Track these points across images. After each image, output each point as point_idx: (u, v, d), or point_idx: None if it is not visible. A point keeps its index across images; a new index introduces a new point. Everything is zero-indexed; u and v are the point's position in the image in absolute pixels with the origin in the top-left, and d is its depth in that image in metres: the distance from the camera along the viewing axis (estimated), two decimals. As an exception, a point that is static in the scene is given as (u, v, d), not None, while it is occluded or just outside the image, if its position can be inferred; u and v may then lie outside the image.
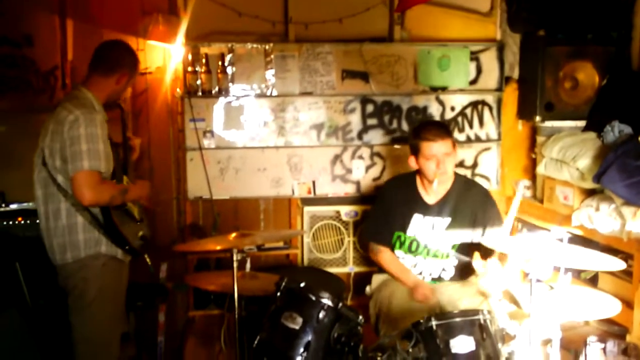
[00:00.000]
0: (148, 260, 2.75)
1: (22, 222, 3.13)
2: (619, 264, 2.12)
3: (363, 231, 3.50)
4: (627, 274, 2.93)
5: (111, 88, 2.63)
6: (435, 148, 2.76)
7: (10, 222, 3.11)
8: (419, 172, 2.90)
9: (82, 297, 2.54)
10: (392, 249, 2.97)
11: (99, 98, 2.60)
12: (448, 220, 2.87)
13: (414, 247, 2.92)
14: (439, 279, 2.91)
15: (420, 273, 2.92)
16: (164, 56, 3.72)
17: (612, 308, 2.19)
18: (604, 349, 2.54)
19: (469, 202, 2.87)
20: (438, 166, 2.76)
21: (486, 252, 2.69)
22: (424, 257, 2.91)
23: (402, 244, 2.94)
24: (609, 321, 2.90)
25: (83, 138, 2.41)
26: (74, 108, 2.46)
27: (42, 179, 2.53)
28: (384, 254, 2.96)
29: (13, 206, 3.22)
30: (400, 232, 2.94)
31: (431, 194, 2.91)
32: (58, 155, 2.47)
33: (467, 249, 2.87)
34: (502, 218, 2.97)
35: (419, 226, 2.90)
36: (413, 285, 2.81)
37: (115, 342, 2.67)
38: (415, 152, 2.84)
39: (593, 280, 3.16)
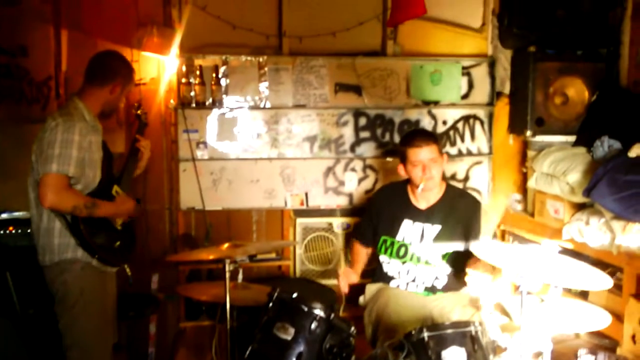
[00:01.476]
0: (128, 270, 2.73)
1: (13, 231, 3.11)
2: (607, 282, 2.13)
3: (354, 231, 3.63)
4: (617, 288, 2.94)
5: (105, 98, 2.66)
6: (420, 154, 2.84)
7: (1, 232, 3.10)
8: (409, 180, 2.95)
9: (64, 300, 2.56)
10: (378, 253, 3.02)
11: (92, 108, 2.63)
12: (438, 227, 2.90)
13: (402, 253, 2.94)
14: (432, 288, 2.92)
15: (414, 280, 2.93)
16: (158, 67, 3.74)
17: (603, 321, 2.21)
18: (594, 362, 2.55)
19: (460, 211, 2.91)
20: (424, 172, 2.84)
21: (477, 262, 2.70)
22: (415, 264, 2.92)
23: (387, 249, 2.97)
24: (600, 334, 2.92)
25: (57, 143, 2.45)
26: (58, 116, 2.52)
27: (32, 183, 2.57)
28: (354, 245, 3.22)
29: (4, 215, 3.20)
30: (387, 237, 2.97)
31: (422, 201, 2.94)
32: (39, 160, 2.50)
33: (458, 258, 2.89)
34: (492, 229, 3.01)
35: (408, 231, 2.93)
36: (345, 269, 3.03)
37: (106, 350, 2.65)
38: (403, 159, 2.93)
39: (583, 294, 3.18)
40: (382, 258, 3.00)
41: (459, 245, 2.89)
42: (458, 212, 2.91)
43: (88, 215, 2.51)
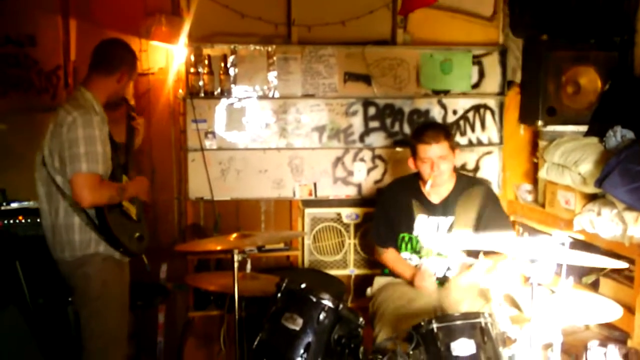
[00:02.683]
0: (145, 260, 2.75)
1: (23, 221, 3.13)
2: (620, 263, 2.11)
3: (370, 234, 3.50)
4: (628, 279, 2.92)
5: (112, 87, 2.63)
6: (429, 151, 2.80)
7: (11, 221, 3.11)
8: (419, 174, 2.93)
9: (85, 293, 2.56)
10: (399, 250, 2.98)
11: (100, 98, 2.59)
12: (452, 218, 2.88)
13: (418, 248, 2.92)
14: (444, 278, 2.90)
15: None
16: (167, 57, 3.73)
17: (613, 313, 2.19)
18: (605, 354, 2.53)
19: (473, 199, 2.89)
20: (432, 168, 2.80)
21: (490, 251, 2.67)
22: (428, 257, 2.91)
23: (407, 245, 2.95)
24: (610, 326, 2.89)
25: (81, 140, 2.41)
26: (73, 109, 2.47)
27: (43, 178, 2.55)
28: (387, 254, 3.02)
29: (14, 205, 3.22)
30: (405, 233, 2.95)
31: (434, 195, 2.92)
32: (57, 156, 2.47)
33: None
34: (507, 216, 2.98)
35: (424, 226, 2.91)
36: (413, 273, 2.86)
37: (124, 340, 2.67)
38: (413, 153, 2.89)
39: (594, 285, 3.15)
40: (405, 255, 2.97)
41: (472, 234, 2.86)
42: (471, 201, 2.89)
43: (120, 201, 2.52)
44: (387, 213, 3.02)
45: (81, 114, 2.44)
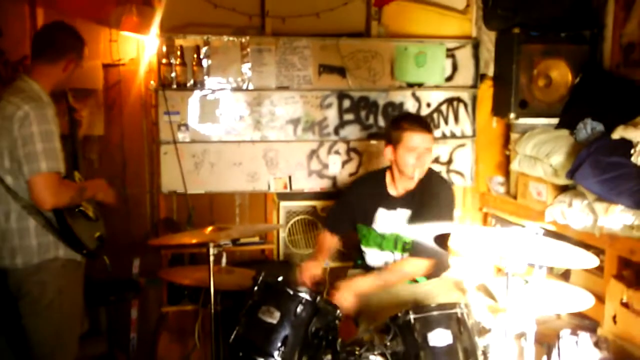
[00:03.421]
0: (106, 260, 2.65)
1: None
2: (592, 261, 2.14)
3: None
4: (598, 269, 2.97)
5: (57, 76, 2.43)
6: (418, 140, 2.68)
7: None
8: (390, 167, 2.84)
9: (38, 300, 2.39)
10: (360, 244, 2.92)
11: (45, 88, 2.40)
12: (408, 212, 2.79)
13: (378, 241, 2.83)
14: None
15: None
16: (138, 48, 3.67)
17: (585, 302, 2.23)
18: (577, 342, 2.58)
19: (428, 192, 2.77)
20: (419, 159, 2.69)
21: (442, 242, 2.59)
22: (392, 252, 2.86)
23: (368, 240, 2.88)
24: (580, 315, 2.95)
25: (37, 137, 2.24)
26: (22, 102, 2.28)
27: None
28: (324, 234, 2.97)
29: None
30: (363, 225, 2.88)
31: (399, 188, 2.83)
32: (6, 155, 2.30)
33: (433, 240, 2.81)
34: (451, 212, 2.80)
35: (385, 220, 2.85)
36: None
37: (75, 342, 2.56)
38: (396, 142, 2.72)
39: (565, 275, 3.21)
40: (369, 251, 2.92)
41: (425, 228, 2.75)
42: (426, 193, 2.77)
43: (80, 201, 2.41)
44: (347, 204, 2.96)
45: (33, 108, 2.27)
